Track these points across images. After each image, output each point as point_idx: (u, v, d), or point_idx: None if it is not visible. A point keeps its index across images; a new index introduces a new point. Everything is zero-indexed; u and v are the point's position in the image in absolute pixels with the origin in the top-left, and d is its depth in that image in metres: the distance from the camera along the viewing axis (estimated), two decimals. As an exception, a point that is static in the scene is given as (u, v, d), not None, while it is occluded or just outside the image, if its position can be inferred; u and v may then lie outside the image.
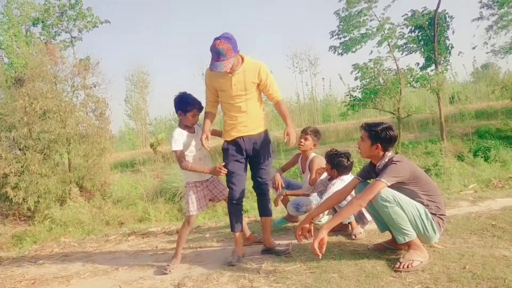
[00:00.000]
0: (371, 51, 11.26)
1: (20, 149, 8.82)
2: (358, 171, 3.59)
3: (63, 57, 10.14)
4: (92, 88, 10.04)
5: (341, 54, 11.25)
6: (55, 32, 13.33)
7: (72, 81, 9.98)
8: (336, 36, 11.13)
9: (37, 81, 9.16)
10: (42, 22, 12.96)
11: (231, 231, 3.84)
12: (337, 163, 4.16)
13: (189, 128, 3.86)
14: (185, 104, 3.79)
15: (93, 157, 9.50)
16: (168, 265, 3.72)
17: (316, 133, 4.66)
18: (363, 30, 10.85)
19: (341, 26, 10.95)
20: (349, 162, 4.21)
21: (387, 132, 3.28)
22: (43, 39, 12.79)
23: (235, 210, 3.80)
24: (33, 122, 8.65)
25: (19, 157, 8.63)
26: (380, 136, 3.28)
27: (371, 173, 3.45)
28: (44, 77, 9.31)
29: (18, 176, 8.35)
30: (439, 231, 3.24)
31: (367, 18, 10.73)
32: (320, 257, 3.02)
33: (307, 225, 3.31)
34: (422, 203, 3.21)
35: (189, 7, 48.72)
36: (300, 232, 3.32)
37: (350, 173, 4.31)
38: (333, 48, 11.31)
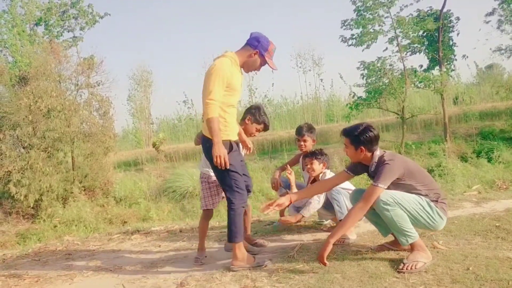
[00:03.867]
0: (386, 48, 11.19)
1: (24, 147, 8.85)
2: (348, 165, 3.59)
3: (67, 56, 10.15)
4: (96, 87, 10.06)
5: (353, 45, 11.18)
6: (57, 31, 13.35)
7: (76, 79, 10.00)
8: (348, 27, 11.05)
9: (42, 80, 9.18)
10: (45, 21, 12.99)
11: (235, 241, 3.46)
12: (321, 153, 4.38)
13: None
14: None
15: (98, 155, 9.52)
16: (197, 258, 3.88)
17: (311, 130, 4.63)
18: (376, 27, 10.82)
19: (356, 17, 10.87)
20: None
21: (366, 134, 3.28)
22: (47, 38, 12.82)
23: (240, 216, 3.50)
24: (37, 120, 8.68)
25: (23, 155, 8.66)
26: (360, 139, 3.29)
27: (360, 170, 3.47)
28: (48, 75, 9.34)
29: (21, 173, 8.38)
30: (445, 215, 3.25)
31: (382, 15, 10.70)
32: (327, 264, 3.12)
33: (283, 203, 3.44)
34: (420, 194, 3.21)
35: (192, 6, 48.73)
36: (270, 205, 3.42)
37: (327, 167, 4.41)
38: (343, 38, 11.24)
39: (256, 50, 3.44)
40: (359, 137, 3.29)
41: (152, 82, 19.41)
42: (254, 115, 4.10)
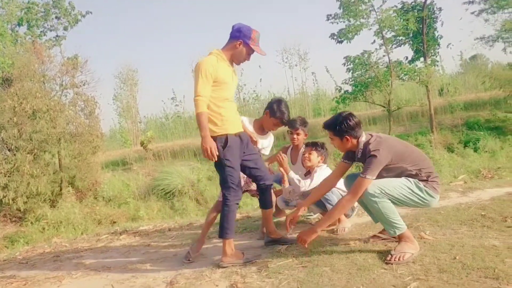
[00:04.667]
0: (374, 41, 11.21)
1: (9, 150, 8.73)
2: (343, 155, 3.56)
3: (50, 56, 10.03)
4: (81, 86, 9.97)
5: (341, 42, 11.21)
6: (40, 31, 13.17)
7: (61, 80, 9.90)
8: (333, 20, 11.06)
9: (26, 81, 9.06)
10: (27, 22, 12.80)
11: (226, 237, 3.49)
12: (322, 146, 4.30)
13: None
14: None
15: (85, 156, 9.43)
16: (189, 252, 3.85)
17: (305, 124, 4.57)
18: (362, 20, 10.82)
19: (340, 11, 10.87)
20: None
21: (347, 122, 3.28)
22: (29, 38, 12.64)
23: (233, 213, 3.52)
24: (22, 122, 8.57)
25: (9, 158, 8.55)
26: (343, 129, 3.29)
27: (353, 157, 3.45)
28: (32, 76, 9.22)
29: (8, 176, 8.27)
30: (437, 193, 3.27)
31: (366, 8, 10.71)
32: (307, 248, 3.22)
33: (298, 215, 3.52)
34: (411, 175, 3.23)
35: (179, 4, 48.46)
36: (289, 221, 3.49)
37: (326, 162, 4.35)
38: (333, 35, 11.26)
39: (240, 40, 3.44)
40: (341, 126, 3.29)
41: (138, 80, 19.30)
42: (272, 108, 4.03)
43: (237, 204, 3.53)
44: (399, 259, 3.03)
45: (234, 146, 3.44)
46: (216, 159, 3.33)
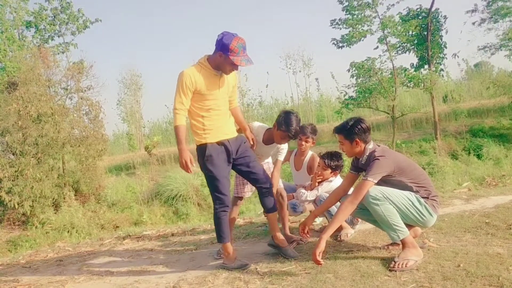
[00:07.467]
0: (377, 46, 11.17)
1: (13, 154, 8.76)
2: (351, 166, 3.59)
3: (56, 61, 10.09)
4: (86, 91, 10.02)
5: (342, 47, 11.22)
6: (48, 36, 13.23)
7: (66, 84, 9.96)
8: (337, 26, 11.06)
9: (31, 85, 9.11)
10: (35, 26, 12.88)
11: (221, 242, 3.59)
12: (337, 164, 4.23)
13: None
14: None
15: (89, 160, 9.45)
16: (219, 250, 3.94)
17: (315, 132, 4.54)
18: (365, 27, 10.82)
19: (345, 16, 10.88)
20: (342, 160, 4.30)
21: (359, 126, 3.32)
22: (36, 42, 12.72)
23: (223, 220, 3.54)
24: (27, 126, 8.61)
25: (13, 162, 8.58)
26: (354, 131, 3.32)
27: (360, 167, 3.46)
28: (37, 80, 9.27)
29: (12, 180, 8.29)
30: (435, 213, 3.28)
31: (370, 15, 10.70)
32: (322, 264, 3.13)
33: (311, 222, 3.54)
34: (411, 190, 3.25)
35: (180, 7, 48.67)
36: (305, 230, 3.50)
37: (338, 174, 4.32)
38: (334, 40, 11.27)
39: (219, 52, 3.30)
40: (352, 129, 3.32)
41: (142, 85, 19.38)
42: (279, 121, 3.75)
43: (225, 211, 3.54)
44: (402, 266, 3.02)
45: (214, 155, 3.45)
46: (191, 172, 3.46)
